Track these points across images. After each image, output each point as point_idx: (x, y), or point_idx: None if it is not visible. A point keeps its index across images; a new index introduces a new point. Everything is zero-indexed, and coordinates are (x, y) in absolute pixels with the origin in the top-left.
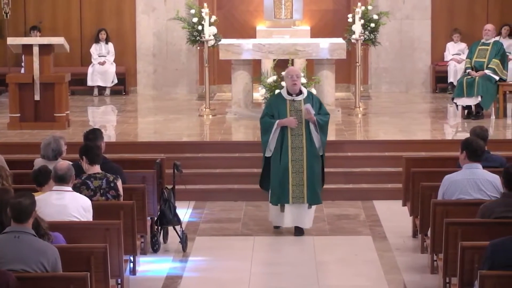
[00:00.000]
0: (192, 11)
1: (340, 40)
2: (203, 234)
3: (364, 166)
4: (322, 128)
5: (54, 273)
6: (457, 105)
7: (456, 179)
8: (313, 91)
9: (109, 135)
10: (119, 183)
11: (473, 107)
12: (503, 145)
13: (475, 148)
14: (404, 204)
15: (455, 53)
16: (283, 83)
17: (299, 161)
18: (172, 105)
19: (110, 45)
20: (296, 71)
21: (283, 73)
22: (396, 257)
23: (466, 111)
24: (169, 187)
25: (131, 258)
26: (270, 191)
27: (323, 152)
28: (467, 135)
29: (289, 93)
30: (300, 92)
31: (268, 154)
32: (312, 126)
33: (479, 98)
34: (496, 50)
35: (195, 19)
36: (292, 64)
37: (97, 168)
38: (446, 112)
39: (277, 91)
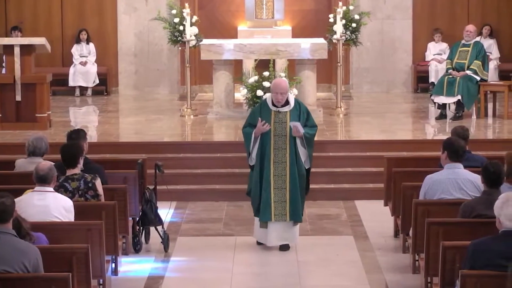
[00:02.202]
0: (174, 11)
1: (321, 40)
2: (184, 234)
3: (346, 166)
4: (309, 141)
5: (35, 274)
6: (434, 103)
7: (438, 179)
8: (295, 91)
9: (91, 135)
10: (98, 183)
11: (449, 108)
12: (484, 145)
13: (456, 149)
14: (385, 204)
15: (436, 53)
16: (265, 84)
17: (281, 176)
18: (154, 106)
19: (91, 45)
20: (282, 89)
21: (265, 73)
22: (377, 257)
23: (440, 112)
24: (151, 187)
25: (113, 259)
26: (252, 205)
27: (310, 165)
28: (449, 135)
29: (274, 104)
30: (287, 103)
31: (252, 162)
32: (298, 140)
33: (459, 97)
34: (477, 51)
35: (176, 19)
36: (274, 65)
37: (76, 169)
38: (427, 112)
39: (264, 96)
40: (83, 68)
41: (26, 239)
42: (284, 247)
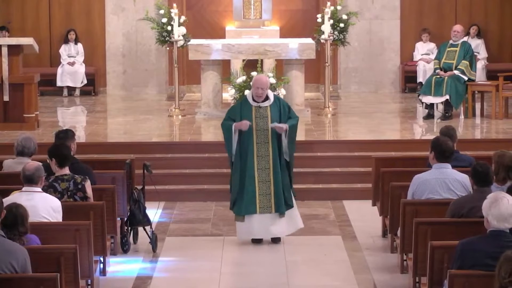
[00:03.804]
0: (162, 12)
1: (309, 40)
2: (173, 234)
3: (334, 166)
4: (291, 132)
5: (23, 274)
6: (422, 103)
7: (426, 178)
8: (283, 91)
9: (79, 135)
10: (88, 185)
11: (436, 108)
12: (472, 145)
13: (444, 149)
14: (373, 204)
15: (424, 53)
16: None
17: (265, 169)
18: (142, 106)
19: (79, 45)
20: (263, 84)
21: (253, 73)
22: (366, 257)
23: (427, 112)
24: (139, 187)
25: (101, 259)
26: (231, 201)
27: (290, 159)
28: (436, 134)
29: (255, 99)
30: (267, 98)
31: (233, 156)
32: (283, 135)
33: (447, 97)
34: (465, 51)
35: (164, 20)
36: (262, 65)
37: (65, 170)
38: (415, 112)
39: (246, 92)
40: (71, 68)
41: (15, 240)
42: (276, 239)
